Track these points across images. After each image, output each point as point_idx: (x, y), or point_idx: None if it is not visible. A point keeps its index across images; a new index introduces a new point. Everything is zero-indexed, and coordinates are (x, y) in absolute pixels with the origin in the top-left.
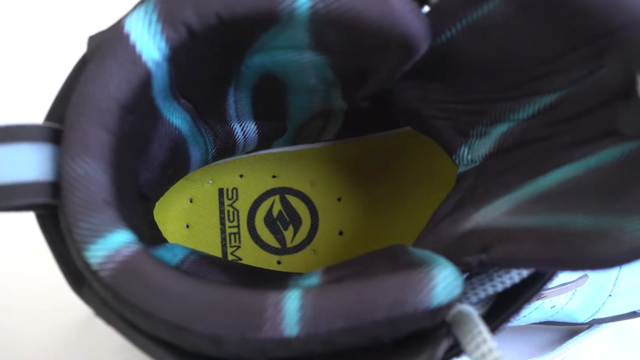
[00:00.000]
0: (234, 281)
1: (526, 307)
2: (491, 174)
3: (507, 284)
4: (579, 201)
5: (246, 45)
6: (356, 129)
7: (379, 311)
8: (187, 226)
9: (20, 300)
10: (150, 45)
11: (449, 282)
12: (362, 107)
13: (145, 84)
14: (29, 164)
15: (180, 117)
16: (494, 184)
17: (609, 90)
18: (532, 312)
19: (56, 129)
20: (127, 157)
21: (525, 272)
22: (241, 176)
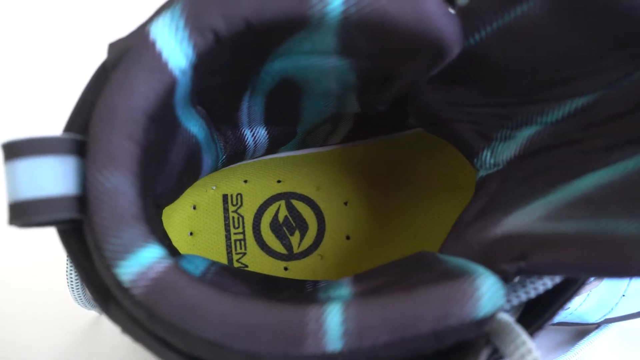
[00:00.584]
0: (253, 291)
1: (560, 313)
2: (518, 178)
3: (540, 290)
4: (620, 206)
5: (270, 50)
6: (364, 132)
7: (424, 324)
8: (191, 233)
9: (25, 306)
10: (177, 52)
11: (494, 292)
12: (375, 111)
13: (170, 92)
14: (53, 178)
15: (197, 124)
16: (522, 188)
17: None
18: None
19: (79, 141)
20: (150, 167)
21: (558, 278)
22: (245, 182)
